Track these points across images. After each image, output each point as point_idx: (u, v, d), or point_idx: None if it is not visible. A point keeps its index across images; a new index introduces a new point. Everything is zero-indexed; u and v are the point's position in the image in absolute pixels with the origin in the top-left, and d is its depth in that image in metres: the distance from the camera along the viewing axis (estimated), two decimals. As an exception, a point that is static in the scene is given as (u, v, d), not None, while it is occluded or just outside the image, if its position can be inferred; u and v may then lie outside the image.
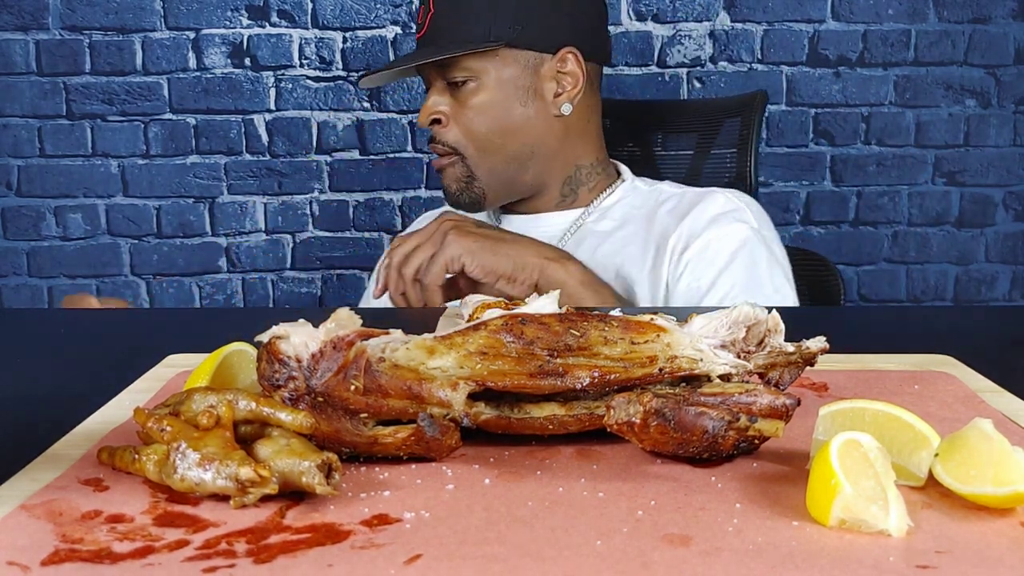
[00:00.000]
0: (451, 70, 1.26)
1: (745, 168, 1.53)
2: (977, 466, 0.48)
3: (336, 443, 0.53)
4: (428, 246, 1.09)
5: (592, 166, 1.36)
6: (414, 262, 1.08)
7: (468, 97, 1.26)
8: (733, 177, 1.52)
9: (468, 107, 1.26)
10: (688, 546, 0.44)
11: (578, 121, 1.33)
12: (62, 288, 2.40)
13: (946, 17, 2.31)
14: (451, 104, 1.27)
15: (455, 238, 1.08)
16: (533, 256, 1.11)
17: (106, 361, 0.82)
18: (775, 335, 0.61)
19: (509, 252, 1.10)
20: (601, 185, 1.37)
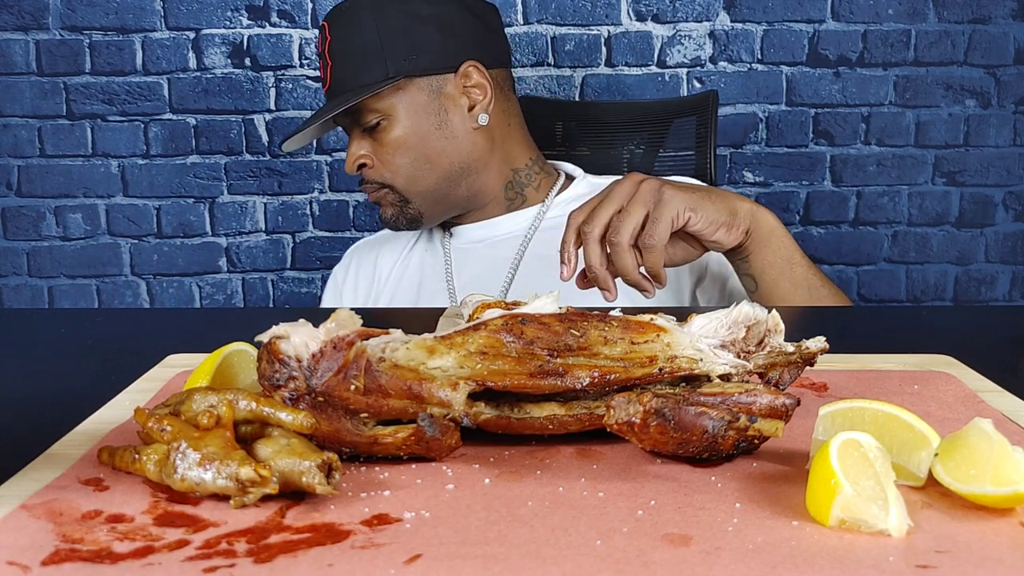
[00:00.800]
0: (362, 115, 1.29)
1: (704, 167, 1.58)
2: (977, 466, 0.48)
3: (336, 443, 0.53)
4: (638, 206, 0.97)
5: (529, 166, 1.40)
6: (626, 227, 0.96)
7: (384, 136, 1.30)
8: (693, 177, 1.55)
9: (386, 145, 1.30)
10: (688, 546, 0.44)
11: (499, 127, 1.36)
12: (62, 288, 2.40)
13: (946, 17, 2.31)
14: (371, 146, 1.31)
15: (673, 193, 0.98)
16: (741, 202, 1.04)
17: (106, 361, 0.82)
18: (775, 335, 0.61)
19: (721, 201, 1.02)
20: (547, 181, 1.41)
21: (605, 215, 0.97)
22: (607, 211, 0.98)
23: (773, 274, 1.05)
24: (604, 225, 0.97)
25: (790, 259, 1.06)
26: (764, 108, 2.35)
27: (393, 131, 1.29)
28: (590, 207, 1.00)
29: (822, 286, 1.07)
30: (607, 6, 2.32)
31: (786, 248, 1.06)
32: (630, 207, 0.97)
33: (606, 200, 0.99)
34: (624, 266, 0.97)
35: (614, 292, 0.99)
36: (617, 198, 0.98)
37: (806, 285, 1.06)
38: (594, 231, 0.97)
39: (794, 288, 1.06)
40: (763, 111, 2.36)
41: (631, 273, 0.97)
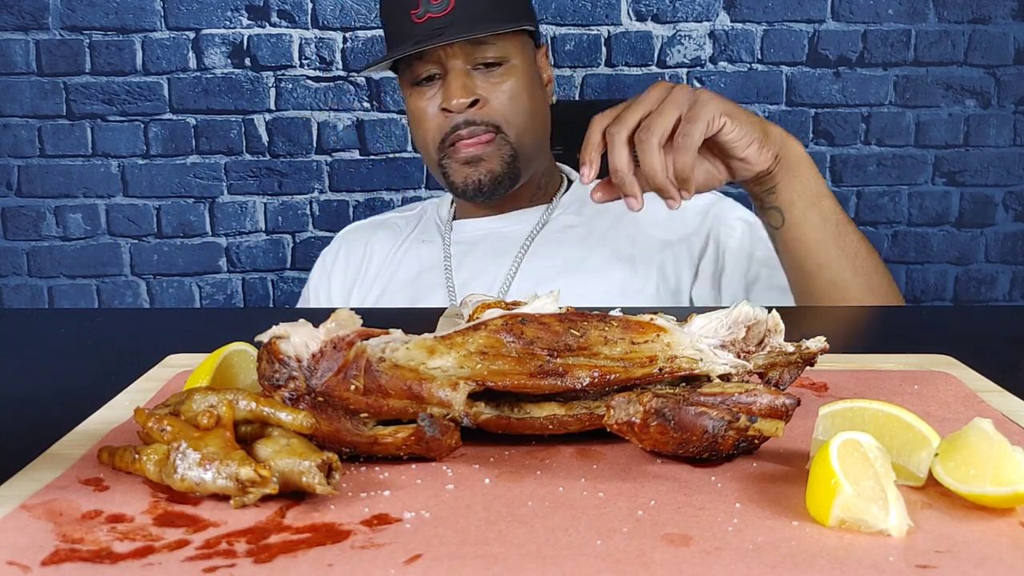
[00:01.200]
0: (485, 51, 1.24)
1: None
2: (977, 466, 0.48)
3: (336, 443, 0.53)
4: (671, 107, 0.91)
5: (551, 159, 1.41)
6: (658, 125, 0.90)
7: (500, 79, 1.26)
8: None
9: (501, 89, 1.25)
10: (688, 546, 0.44)
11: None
12: (62, 288, 2.40)
13: (946, 17, 2.31)
14: (484, 87, 1.25)
15: (710, 96, 0.92)
16: (771, 125, 0.99)
17: (106, 361, 0.82)
18: (775, 335, 0.61)
19: (755, 118, 0.97)
20: (554, 182, 1.40)
21: (634, 117, 0.91)
22: (637, 113, 0.91)
23: (802, 206, 1.00)
24: (632, 127, 0.91)
25: (818, 192, 1.01)
26: (764, 108, 2.36)
27: (510, 77, 1.26)
28: (617, 110, 0.94)
29: (848, 223, 1.03)
30: (607, 6, 2.32)
31: (814, 180, 1.01)
32: (662, 108, 0.91)
33: (635, 103, 0.92)
34: (652, 165, 0.89)
35: (640, 200, 0.92)
36: (648, 101, 0.92)
37: (834, 220, 1.01)
38: (622, 132, 0.91)
39: (823, 223, 1.01)
40: (763, 111, 2.36)
41: (659, 174, 0.90)
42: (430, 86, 1.26)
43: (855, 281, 1.02)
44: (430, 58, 1.24)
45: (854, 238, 1.03)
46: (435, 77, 1.25)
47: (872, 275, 1.03)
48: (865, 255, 1.03)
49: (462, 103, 1.22)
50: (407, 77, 1.28)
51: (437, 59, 1.24)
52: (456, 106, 1.22)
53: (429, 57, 1.24)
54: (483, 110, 1.24)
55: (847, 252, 1.02)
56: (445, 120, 1.25)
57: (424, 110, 1.26)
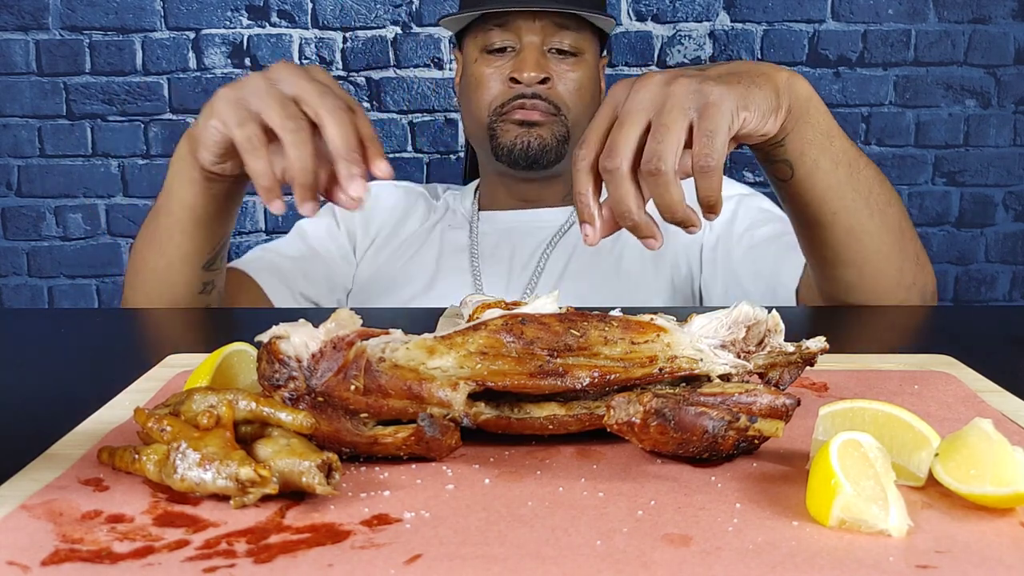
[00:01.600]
0: (564, 37, 1.28)
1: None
2: (977, 466, 0.48)
3: (336, 443, 0.53)
4: (678, 118, 0.70)
5: None
6: (670, 150, 0.69)
7: (571, 68, 1.29)
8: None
9: (570, 77, 1.29)
10: (688, 546, 0.44)
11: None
12: (62, 288, 2.40)
13: (946, 17, 2.31)
14: (554, 69, 1.29)
15: (721, 91, 0.73)
16: (776, 71, 0.84)
17: (106, 361, 0.82)
18: (775, 335, 0.61)
19: (765, 81, 0.81)
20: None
21: (631, 139, 0.71)
22: (632, 133, 0.71)
23: (813, 154, 0.89)
24: (632, 155, 0.70)
25: (828, 131, 0.89)
26: (764, 108, 2.35)
27: (581, 69, 1.30)
28: (598, 133, 0.73)
29: (858, 157, 0.93)
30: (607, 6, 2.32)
31: (824, 120, 0.89)
32: (666, 120, 0.70)
33: (626, 118, 0.71)
34: (672, 202, 0.70)
35: (660, 239, 0.72)
36: (640, 111, 0.71)
37: (847, 160, 0.91)
38: (622, 166, 0.70)
39: (834, 166, 0.90)
40: (763, 111, 2.35)
41: (680, 208, 0.70)
42: (500, 57, 1.30)
43: (872, 223, 0.94)
44: (510, 28, 1.28)
45: (866, 173, 0.93)
46: (507, 50, 1.29)
47: (887, 209, 0.95)
48: (878, 188, 0.94)
49: (535, 77, 1.26)
50: (477, 42, 1.31)
51: (517, 31, 1.28)
52: (528, 79, 1.26)
53: (509, 27, 1.28)
54: (551, 90, 1.28)
55: (861, 192, 0.93)
56: (509, 89, 1.28)
57: (490, 76, 1.30)
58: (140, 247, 1.04)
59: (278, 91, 0.81)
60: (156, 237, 1.00)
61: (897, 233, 0.97)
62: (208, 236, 1.00)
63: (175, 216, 0.97)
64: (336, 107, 0.80)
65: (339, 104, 0.80)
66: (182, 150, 0.94)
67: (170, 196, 0.97)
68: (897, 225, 0.97)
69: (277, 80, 0.82)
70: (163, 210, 0.98)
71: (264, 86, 0.82)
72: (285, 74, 0.82)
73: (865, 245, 0.95)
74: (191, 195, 0.95)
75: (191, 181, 0.94)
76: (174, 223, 0.98)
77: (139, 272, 1.04)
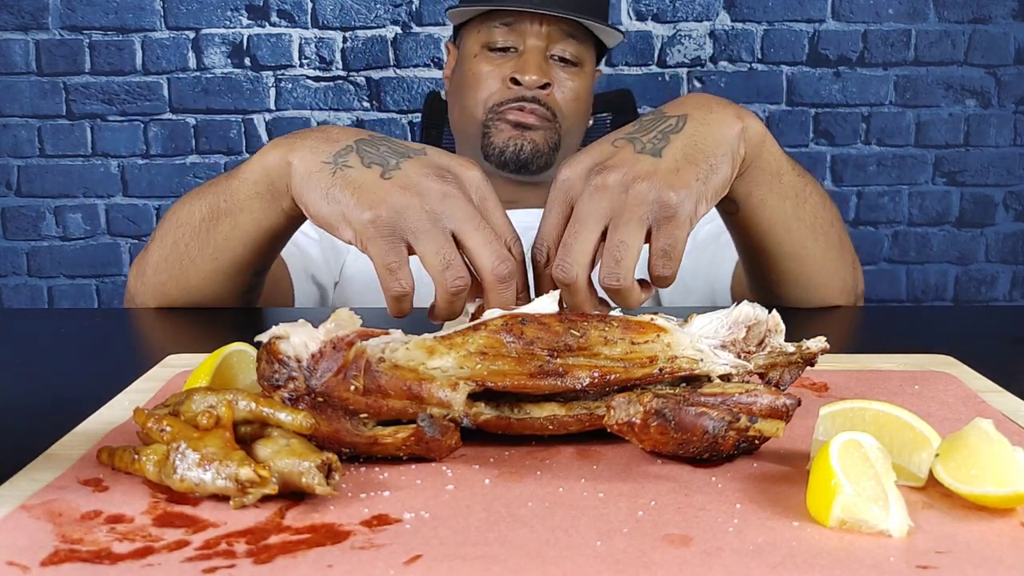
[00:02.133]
0: (567, 45, 1.29)
1: None
2: (977, 466, 0.48)
3: (336, 443, 0.53)
4: (634, 229, 0.69)
5: None
6: (628, 264, 0.69)
7: (571, 76, 1.30)
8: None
9: (569, 86, 1.30)
10: (688, 546, 0.44)
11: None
12: (62, 288, 2.40)
13: (946, 17, 2.31)
14: (555, 75, 1.29)
15: (681, 193, 0.71)
16: (728, 128, 0.79)
17: (106, 361, 0.82)
18: (775, 335, 0.61)
19: (720, 152, 0.77)
20: None
21: (586, 250, 0.69)
22: (589, 243, 0.69)
23: (760, 193, 0.88)
24: (590, 263, 0.70)
25: (778, 170, 0.87)
26: (764, 108, 2.36)
27: (580, 79, 1.31)
28: (554, 235, 0.73)
29: (806, 186, 0.92)
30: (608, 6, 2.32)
31: (774, 160, 0.86)
32: (625, 237, 0.69)
33: (582, 227, 0.70)
34: (631, 304, 0.71)
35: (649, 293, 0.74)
36: (597, 219, 0.70)
37: (793, 193, 0.90)
38: (579, 278, 0.69)
39: (781, 200, 0.89)
40: (763, 111, 2.36)
41: (637, 305, 0.72)
42: (502, 56, 1.29)
43: (816, 246, 0.95)
44: (517, 29, 1.27)
45: (812, 200, 0.93)
46: (509, 50, 1.29)
47: (830, 230, 0.96)
48: (823, 212, 0.94)
49: (536, 80, 1.26)
50: (479, 37, 1.30)
51: (522, 32, 1.27)
52: (530, 82, 1.25)
53: (516, 28, 1.27)
54: (549, 96, 1.28)
55: (806, 220, 0.93)
56: (508, 90, 1.28)
57: (489, 74, 1.29)
58: (181, 245, 0.94)
59: (440, 231, 0.71)
60: (211, 242, 0.91)
61: (838, 248, 0.98)
62: (275, 249, 0.94)
63: (242, 229, 0.89)
64: (499, 262, 0.70)
65: (501, 254, 0.70)
66: (279, 184, 0.82)
67: (241, 211, 0.87)
68: (838, 241, 0.98)
69: (440, 214, 0.71)
70: (227, 220, 0.89)
71: (426, 220, 0.71)
72: (449, 207, 0.71)
73: (808, 266, 0.96)
74: (271, 220, 0.87)
75: (279, 212, 0.86)
76: (239, 236, 0.89)
77: (175, 269, 0.95)
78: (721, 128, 0.78)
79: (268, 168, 0.83)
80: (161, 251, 0.96)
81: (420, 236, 0.70)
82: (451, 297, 0.70)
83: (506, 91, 1.27)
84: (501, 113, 1.28)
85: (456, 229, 0.71)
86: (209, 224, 0.91)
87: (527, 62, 1.26)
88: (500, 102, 1.28)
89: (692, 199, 0.72)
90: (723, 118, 0.79)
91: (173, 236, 0.95)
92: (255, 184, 0.85)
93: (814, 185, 0.94)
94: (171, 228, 0.96)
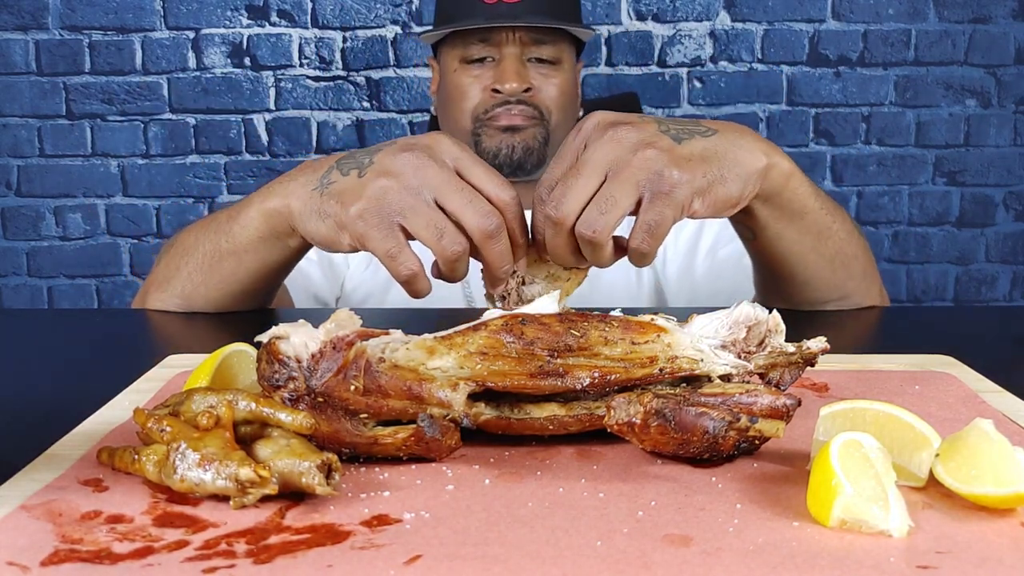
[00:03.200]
0: (543, 47, 1.30)
1: None
2: (978, 466, 0.48)
3: (336, 443, 0.53)
4: (627, 191, 0.70)
5: None
6: (610, 222, 0.70)
7: (551, 76, 1.31)
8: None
9: (551, 82, 1.31)
10: (688, 546, 0.44)
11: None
12: (62, 288, 2.40)
13: (946, 17, 2.31)
14: (535, 77, 1.31)
15: (681, 178, 0.72)
16: (754, 159, 0.79)
17: (106, 361, 0.82)
18: (776, 335, 0.61)
19: (735, 173, 0.77)
20: None
21: (581, 197, 0.71)
22: (585, 189, 0.71)
23: (778, 227, 0.88)
24: (578, 211, 0.71)
25: (802, 208, 0.87)
26: (764, 108, 2.36)
27: (562, 76, 1.32)
28: (556, 176, 0.73)
29: (833, 223, 0.91)
30: (607, 6, 2.32)
31: (800, 197, 0.86)
32: (616, 192, 0.70)
33: (583, 169, 0.71)
34: (602, 262, 0.73)
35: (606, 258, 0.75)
36: (599, 167, 0.71)
37: (816, 230, 0.90)
38: (567, 219, 0.71)
39: (801, 236, 0.89)
40: (763, 111, 2.36)
41: (608, 265, 0.74)
42: (480, 66, 1.31)
43: (834, 277, 0.95)
44: (491, 41, 1.29)
45: (838, 236, 0.92)
46: (486, 60, 1.31)
47: (852, 263, 0.95)
48: (847, 246, 0.94)
49: (516, 88, 1.28)
50: (456, 53, 1.32)
51: (497, 43, 1.29)
52: (511, 90, 1.28)
53: (491, 40, 1.29)
54: (533, 97, 1.30)
55: (826, 255, 0.93)
56: (491, 98, 1.30)
57: (470, 85, 1.31)
58: (184, 273, 0.96)
59: (423, 203, 0.72)
60: (215, 275, 0.93)
61: (859, 279, 0.98)
62: (281, 278, 0.96)
63: (246, 267, 0.91)
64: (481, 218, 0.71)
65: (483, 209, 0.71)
66: (281, 227, 0.85)
67: (246, 251, 0.90)
68: (861, 273, 0.98)
69: (419, 187, 0.72)
70: (231, 259, 0.91)
71: (407, 196, 0.72)
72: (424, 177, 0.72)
73: (823, 294, 0.97)
74: (276, 257, 0.89)
75: (285, 250, 0.88)
76: (244, 271, 0.92)
77: (183, 293, 0.97)
78: (746, 155, 0.79)
79: (269, 214, 0.86)
80: (167, 274, 0.99)
81: (407, 214, 0.72)
82: (452, 265, 0.72)
83: (489, 99, 1.30)
84: (488, 120, 1.31)
85: (437, 196, 0.72)
86: (212, 260, 0.94)
87: (505, 71, 1.28)
88: (485, 110, 1.31)
89: (691, 188, 0.73)
90: (752, 150, 0.79)
91: (177, 263, 0.98)
92: (257, 230, 0.88)
93: (843, 222, 0.93)
94: (175, 256, 0.98)
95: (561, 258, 0.73)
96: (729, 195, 0.77)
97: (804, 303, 0.99)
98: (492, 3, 1.27)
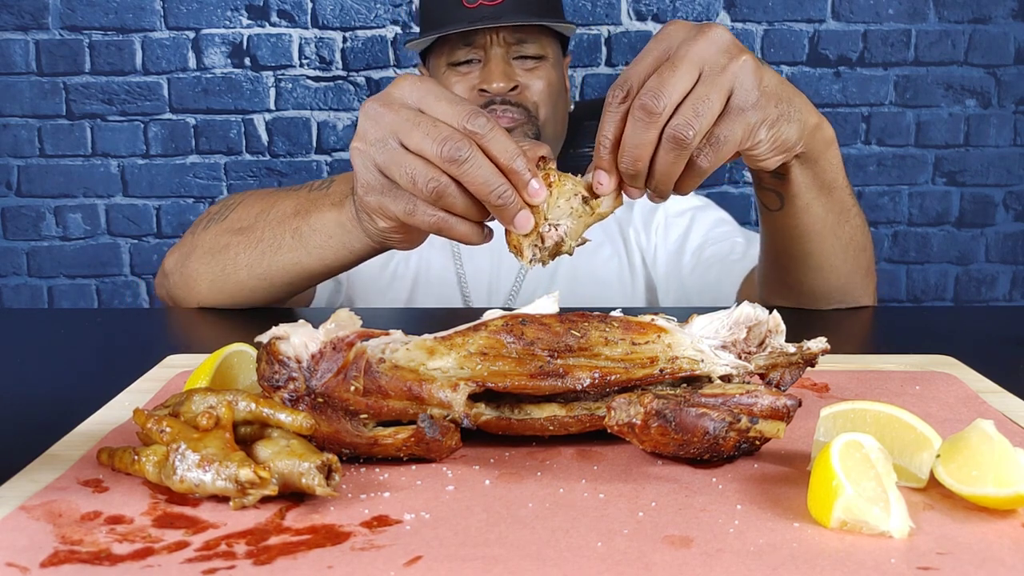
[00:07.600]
0: (526, 46, 1.32)
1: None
2: (978, 467, 0.48)
3: (336, 444, 0.53)
4: (719, 93, 0.67)
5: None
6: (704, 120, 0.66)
7: (537, 72, 1.33)
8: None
9: (537, 78, 1.33)
10: (689, 547, 0.44)
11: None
12: (62, 288, 2.40)
13: (946, 17, 2.31)
14: (520, 75, 1.33)
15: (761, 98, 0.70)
16: (809, 115, 0.80)
17: (106, 361, 0.82)
18: (776, 336, 0.61)
19: (797, 118, 0.77)
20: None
21: (680, 88, 0.66)
22: (684, 82, 0.66)
23: (808, 197, 0.88)
24: (675, 106, 0.66)
25: (832, 182, 0.88)
26: (764, 108, 2.35)
27: (549, 71, 1.34)
28: (641, 78, 0.68)
29: (852, 208, 0.93)
30: (607, 6, 2.32)
31: (833, 170, 0.88)
32: (712, 92, 0.66)
33: (681, 63, 0.67)
34: (672, 174, 0.68)
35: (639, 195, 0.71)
36: (697, 62, 0.67)
37: (838, 210, 0.91)
38: (665, 113, 0.65)
39: (825, 213, 0.90)
40: (763, 111, 2.35)
41: (670, 184, 0.69)
42: (467, 67, 1.33)
43: (844, 266, 0.96)
44: (475, 43, 1.31)
45: (854, 223, 0.94)
46: (472, 61, 1.33)
47: (861, 254, 0.97)
48: (859, 236, 0.96)
49: (503, 87, 1.29)
50: (443, 58, 1.34)
51: (481, 45, 1.31)
52: (497, 89, 1.29)
53: (475, 42, 1.31)
54: (520, 95, 1.32)
55: (842, 239, 0.94)
56: (479, 97, 1.31)
57: (457, 86, 1.33)
58: (231, 251, 0.96)
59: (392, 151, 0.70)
60: (267, 271, 0.94)
61: (862, 275, 1.00)
62: (332, 275, 0.96)
63: (303, 266, 0.92)
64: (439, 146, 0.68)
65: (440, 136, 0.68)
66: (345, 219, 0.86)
67: (309, 251, 0.90)
68: (865, 268, 1.00)
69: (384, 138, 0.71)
70: (289, 255, 0.92)
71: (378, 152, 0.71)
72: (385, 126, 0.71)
73: (831, 281, 0.98)
74: (345, 257, 0.89)
75: (351, 251, 0.88)
76: (301, 270, 0.92)
77: (220, 284, 0.97)
78: (805, 105, 0.79)
79: (342, 217, 0.86)
80: (205, 273, 0.98)
81: (387, 168, 0.71)
82: (439, 203, 0.70)
83: (477, 99, 1.31)
84: None
85: (401, 141, 0.70)
86: (264, 254, 0.93)
87: (491, 71, 1.29)
88: None
89: (764, 115, 0.71)
90: (808, 103, 0.80)
91: (225, 240, 0.97)
92: (329, 228, 0.88)
93: (858, 210, 0.96)
94: (222, 232, 0.98)
95: (636, 159, 0.67)
96: (789, 137, 0.76)
97: (809, 295, 0.99)
98: (473, 7, 1.29)
